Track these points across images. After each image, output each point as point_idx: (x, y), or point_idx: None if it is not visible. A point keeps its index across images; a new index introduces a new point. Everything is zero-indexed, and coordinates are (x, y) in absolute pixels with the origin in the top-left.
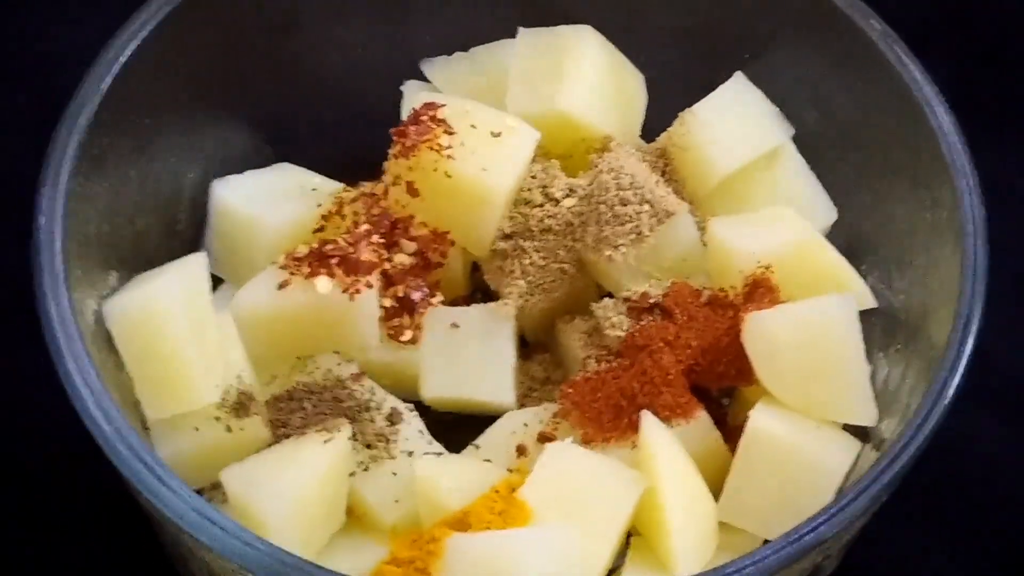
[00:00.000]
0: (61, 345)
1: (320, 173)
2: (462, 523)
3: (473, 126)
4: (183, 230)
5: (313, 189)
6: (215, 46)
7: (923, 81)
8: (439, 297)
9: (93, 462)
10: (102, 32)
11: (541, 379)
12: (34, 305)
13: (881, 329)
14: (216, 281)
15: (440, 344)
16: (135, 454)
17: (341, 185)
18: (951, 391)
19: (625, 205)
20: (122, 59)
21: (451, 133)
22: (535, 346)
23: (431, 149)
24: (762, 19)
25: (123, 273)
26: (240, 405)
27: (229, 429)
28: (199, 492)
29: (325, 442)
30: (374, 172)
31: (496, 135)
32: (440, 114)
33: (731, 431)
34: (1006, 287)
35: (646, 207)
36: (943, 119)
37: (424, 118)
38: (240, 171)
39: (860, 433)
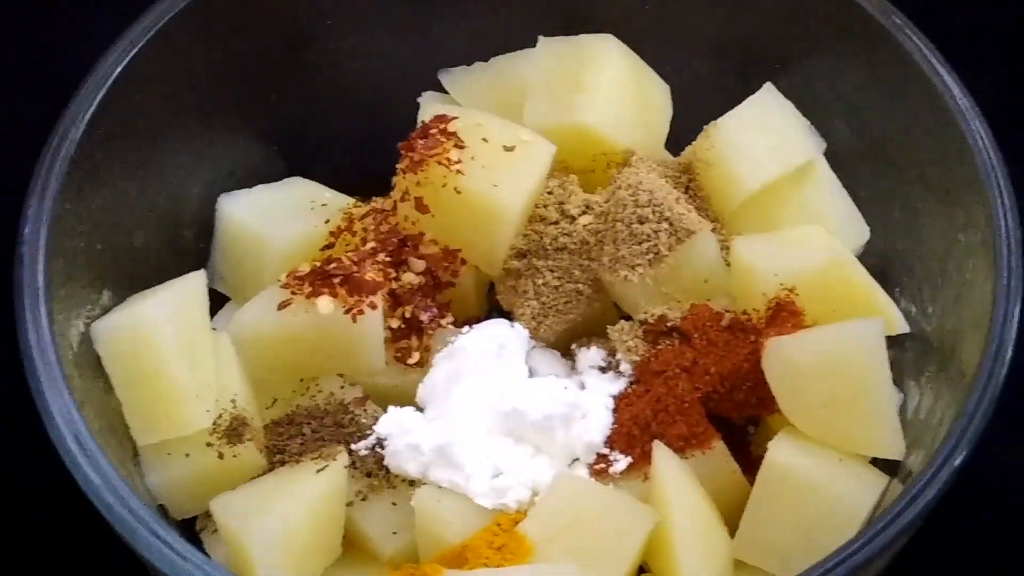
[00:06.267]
0: (37, 366)
1: (336, 188)
2: (460, 558)
3: (485, 140)
4: (189, 247)
5: (324, 205)
6: (224, 54)
7: (960, 95)
8: (449, 318)
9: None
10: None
11: None
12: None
13: (914, 355)
14: (224, 300)
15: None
16: (102, 479)
17: (352, 200)
18: (980, 421)
19: (643, 223)
20: (119, 68)
21: (462, 147)
22: None
23: (440, 164)
24: (794, 29)
25: (119, 292)
26: (233, 431)
27: (221, 456)
28: (192, 520)
29: (319, 471)
30: (390, 187)
31: (509, 149)
32: (451, 127)
33: (754, 461)
34: None
35: (664, 225)
36: (979, 134)
37: (434, 131)
38: (250, 185)
39: (888, 467)
